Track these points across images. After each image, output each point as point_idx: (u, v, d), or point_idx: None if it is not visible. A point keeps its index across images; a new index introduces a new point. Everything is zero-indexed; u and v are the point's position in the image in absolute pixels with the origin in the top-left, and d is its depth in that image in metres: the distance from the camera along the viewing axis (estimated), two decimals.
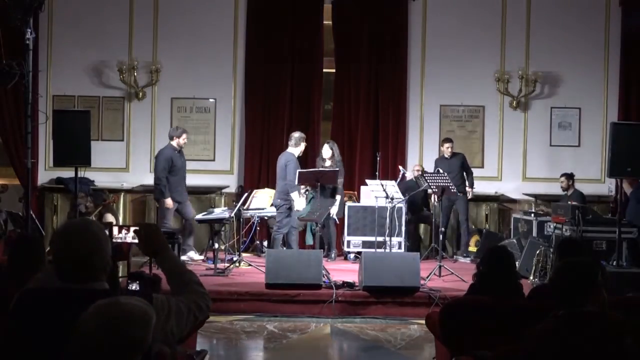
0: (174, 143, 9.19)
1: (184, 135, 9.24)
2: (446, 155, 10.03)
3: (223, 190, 10.69)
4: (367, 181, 9.41)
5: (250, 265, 8.65)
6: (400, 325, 7.04)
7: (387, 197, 8.80)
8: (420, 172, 9.88)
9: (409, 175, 10.09)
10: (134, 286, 2.92)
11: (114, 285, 2.79)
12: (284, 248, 8.92)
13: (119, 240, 7.97)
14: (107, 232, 7.65)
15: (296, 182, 8.67)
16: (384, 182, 8.92)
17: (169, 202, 9.01)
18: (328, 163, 9.25)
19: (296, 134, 9.13)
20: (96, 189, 10.03)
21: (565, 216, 8.39)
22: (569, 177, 9.83)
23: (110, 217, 9.08)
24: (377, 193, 9.01)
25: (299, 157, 9.10)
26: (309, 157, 9.99)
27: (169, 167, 9.04)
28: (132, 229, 7.59)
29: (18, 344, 2.35)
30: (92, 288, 2.39)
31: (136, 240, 2.71)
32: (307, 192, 9.09)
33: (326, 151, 9.33)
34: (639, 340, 2.80)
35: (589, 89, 10.93)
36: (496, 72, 10.85)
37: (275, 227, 9.08)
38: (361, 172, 10.48)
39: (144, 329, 2.10)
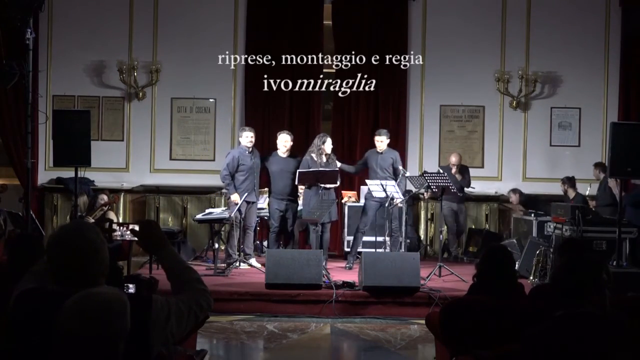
0: (242, 143, 8.95)
1: (244, 134, 8.91)
2: (378, 150, 9.06)
3: (223, 190, 10.65)
4: (367, 181, 9.38)
5: (250, 265, 8.65)
6: (400, 325, 7.04)
7: (387, 197, 8.78)
8: None
9: None
10: (131, 289, 2.91)
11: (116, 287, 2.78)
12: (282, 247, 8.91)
13: (118, 239, 7.99)
14: (107, 225, 7.70)
15: (296, 182, 8.66)
16: (384, 182, 8.90)
17: (234, 197, 8.72)
18: (324, 159, 8.83)
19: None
20: (96, 189, 10.03)
21: (565, 216, 8.39)
22: (566, 181, 9.78)
23: (111, 215, 9.09)
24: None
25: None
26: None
27: (236, 165, 8.79)
28: (131, 226, 7.60)
29: (15, 346, 2.35)
30: None
31: (136, 238, 2.70)
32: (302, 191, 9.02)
33: (329, 146, 8.82)
34: (639, 340, 2.80)
35: (589, 89, 10.94)
36: (496, 72, 10.85)
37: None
38: (361, 172, 10.45)
39: (120, 316, 2.12)
